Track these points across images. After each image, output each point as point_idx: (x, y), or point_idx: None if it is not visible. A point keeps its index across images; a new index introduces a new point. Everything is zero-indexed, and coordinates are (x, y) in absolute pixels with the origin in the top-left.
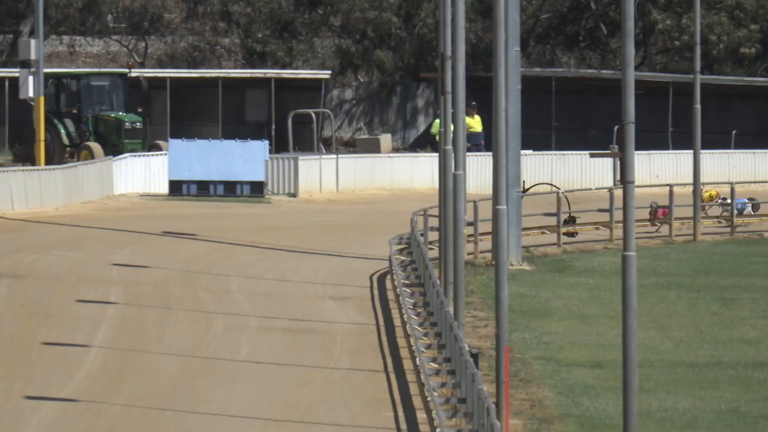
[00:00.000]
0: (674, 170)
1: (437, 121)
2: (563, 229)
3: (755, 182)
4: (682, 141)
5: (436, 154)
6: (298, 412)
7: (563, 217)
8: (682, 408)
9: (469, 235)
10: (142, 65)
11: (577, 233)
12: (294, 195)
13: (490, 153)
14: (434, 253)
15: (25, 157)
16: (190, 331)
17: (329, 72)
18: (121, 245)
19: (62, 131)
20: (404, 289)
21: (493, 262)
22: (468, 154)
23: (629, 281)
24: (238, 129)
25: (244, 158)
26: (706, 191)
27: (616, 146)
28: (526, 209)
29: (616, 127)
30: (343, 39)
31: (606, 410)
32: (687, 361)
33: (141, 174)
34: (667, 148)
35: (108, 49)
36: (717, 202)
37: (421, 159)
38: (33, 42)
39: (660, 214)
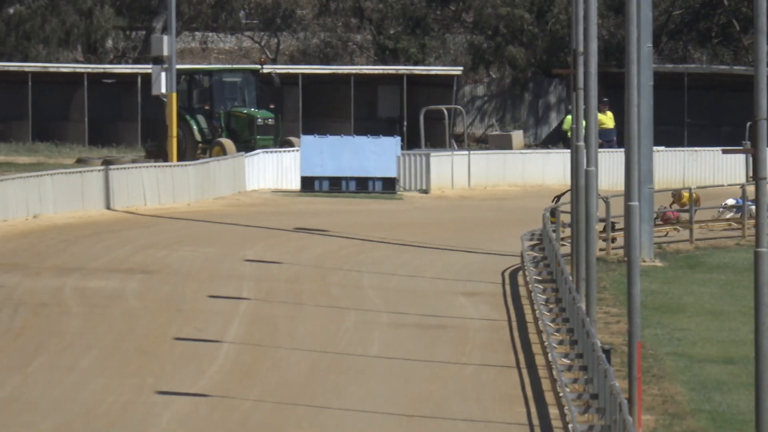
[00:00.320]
0: None
1: (569, 117)
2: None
3: None
4: None
5: (568, 151)
6: (429, 407)
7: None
8: None
9: (601, 232)
10: (274, 61)
11: (615, 239)
12: (426, 191)
13: (622, 149)
14: (566, 249)
15: (157, 153)
16: (322, 327)
17: (461, 68)
18: (253, 241)
19: (194, 127)
20: (536, 285)
21: (625, 259)
22: (600, 150)
23: (761, 277)
24: (369, 125)
25: (376, 154)
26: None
27: (748, 142)
28: (659, 205)
29: (748, 124)
30: (475, 35)
31: (738, 406)
32: None
33: (273, 170)
34: None
35: (240, 45)
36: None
37: (553, 155)
38: (165, 38)
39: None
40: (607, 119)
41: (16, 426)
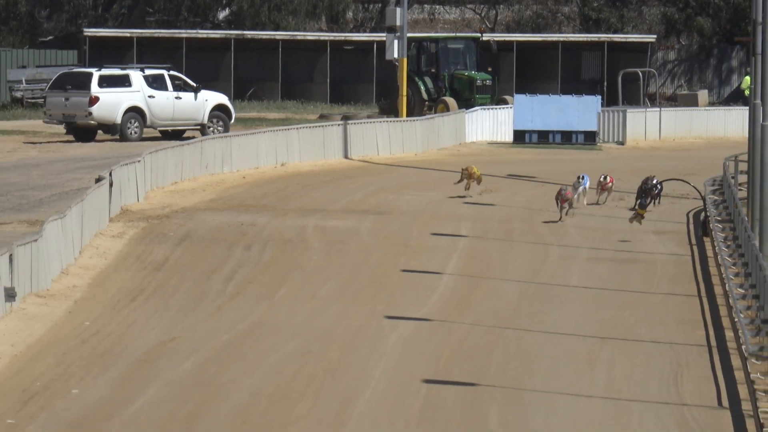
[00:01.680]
0: None
1: (747, 78)
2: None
3: None
4: None
5: (747, 108)
6: (621, 330)
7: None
8: None
9: None
10: (492, 30)
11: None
12: (622, 143)
13: None
14: (743, 193)
15: (389, 109)
16: (529, 261)
17: (655, 36)
18: (472, 185)
19: (422, 88)
20: (716, 224)
21: None
22: None
23: None
24: (574, 86)
25: (579, 111)
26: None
27: None
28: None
29: None
30: (667, 7)
31: None
32: None
33: (489, 125)
34: None
35: (463, 16)
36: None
37: (734, 112)
38: (398, 10)
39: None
40: None
41: (264, 348)
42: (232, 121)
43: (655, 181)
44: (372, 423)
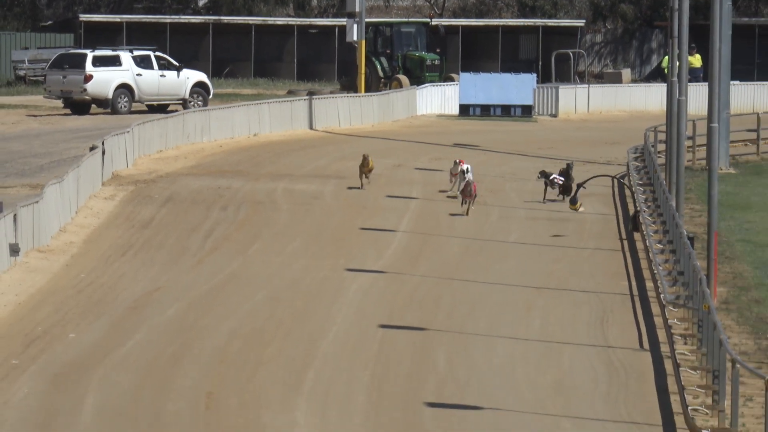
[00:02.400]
0: None
1: (666, 58)
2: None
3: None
4: None
5: (665, 84)
6: (554, 281)
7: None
8: None
9: (689, 147)
10: (440, 16)
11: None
12: (555, 116)
13: (706, 83)
14: (661, 160)
15: (349, 86)
16: (474, 220)
17: (584, 21)
18: (421, 154)
19: (378, 67)
20: (638, 187)
21: (707, 167)
22: (689, 84)
23: None
24: (512, 65)
25: (517, 87)
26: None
27: None
28: (733, 126)
29: None
30: None
31: None
32: None
33: (437, 99)
34: None
35: (414, 2)
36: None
37: (653, 88)
38: None
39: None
40: (695, 60)
41: (239, 296)
42: (211, 96)
43: (569, 166)
44: (334, 362)
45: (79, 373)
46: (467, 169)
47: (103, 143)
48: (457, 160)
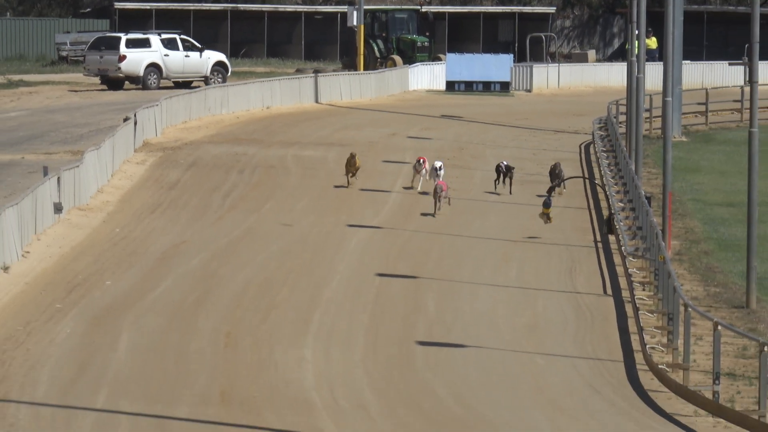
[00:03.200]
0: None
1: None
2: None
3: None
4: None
5: (625, 63)
6: (529, 235)
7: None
8: None
9: (646, 118)
10: (429, 3)
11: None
12: (529, 91)
13: (661, 62)
14: (622, 129)
15: (350, 65)
16: (459, 181)
17: (554, 8)
18: (413, 124)
19: (375, 48)
20: (602, 153)
21: (662, 136)
22: (646, 63)
23: (753, 148)
24: (492, 47)
25: (496, 66)
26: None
27: (746, 58)
28: (685, 100)
29: (746, 45)
30: None
31: (736, 235)
32: None
33: (427, 77)
34: None
35: None
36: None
37: (615, 66)
38: None
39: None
40: (652, 43)
41: (253, 249)
42: (229, 74)
43: (560, 169)
44: (337, 306)
45: (115, 315)
46: (440, 166)
47: (135, 115)
48: (421, 160)
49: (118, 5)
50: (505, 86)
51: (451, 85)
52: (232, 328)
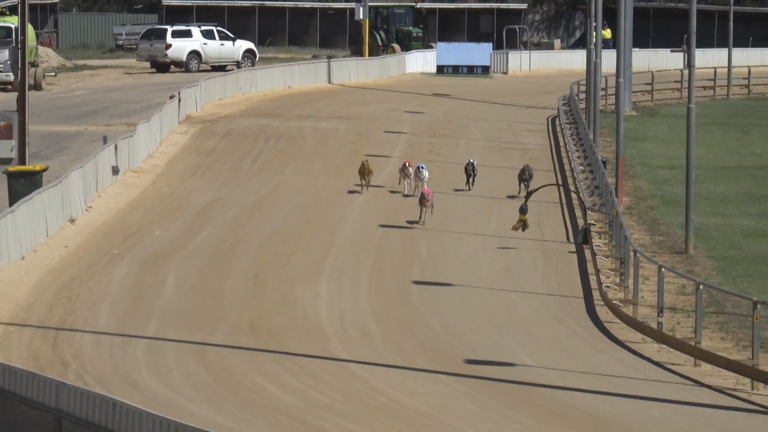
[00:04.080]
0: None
1: (607, 31)
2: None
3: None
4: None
5: (585, 51)
6: (505, 192)
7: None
8: (718, 191)
9: (602, 96)
10: (423, 0)
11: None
12: (506, 73)
13: (615, 50)
14: (582, 105)
15: (357, 52)
16: (447, 147)
17: (526, 4)
18: (409, 100)
19: (378, 38)
20: (565, 125)
21: (615, 110)
22: (602, 50)
23: (691, 121)
24: (475, 37)
25: (478, 53)
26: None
27: (684, 46)
28: (634, 81)
29: (685, 36)
30: None
31: (676, 193)
32: (722, 165)
33: (421, 61)
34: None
35: None
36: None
37: (577, 53)
38: None
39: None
40: (607, 33)
41: (277, 204)
42: (257, 59)
43: (529, 171)
44: (346, 252)
45: (162, 259)
46: (422, 167)
47: (179, 93)
48: (407, 164)
49: (165, 2)
50: (485, 69)
51: (440, 69)
52: (259, 270)
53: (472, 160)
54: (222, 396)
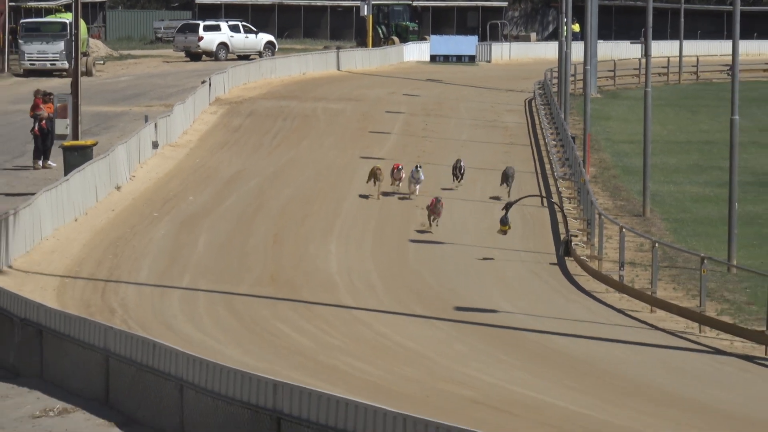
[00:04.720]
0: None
1: (576, 26)
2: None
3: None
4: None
5: (557, 42)
6: (490, 164)
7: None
8: (671, 163)
9: (572, 81)
10: None
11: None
12: (489, 62)
13: (582, 41)
14: (554, 89)
15: (362, 44)
16: (441, 126)
17: (507, 2)
18: (407, 85)
19: (380, 31)
20: (540, 106)
21: (583, 93)
22: (572, 42)
23: (648, 102)
24: (463, 30)
25: (466, 44)
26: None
27: (642, 38)
28: (599, 68)
29: (643, 29)
30: None
31: (636, 164)
32: (674, 140)
33: (416, 52)
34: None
35: None
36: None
37: (550, 45)
38: None
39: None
40: (576, 27)
41: (294, 174)
42: (276, 50)
43: (512, 172)
44: (353, 216)
45: (196, 221)
46: (417, 167)
47: (209, 79)
48: (399, 167)
49: (198, 1)
50: (472, 58)
51: (433, 58)
52: (278, 231)
53: (461, 162)
54: (247, 338)
